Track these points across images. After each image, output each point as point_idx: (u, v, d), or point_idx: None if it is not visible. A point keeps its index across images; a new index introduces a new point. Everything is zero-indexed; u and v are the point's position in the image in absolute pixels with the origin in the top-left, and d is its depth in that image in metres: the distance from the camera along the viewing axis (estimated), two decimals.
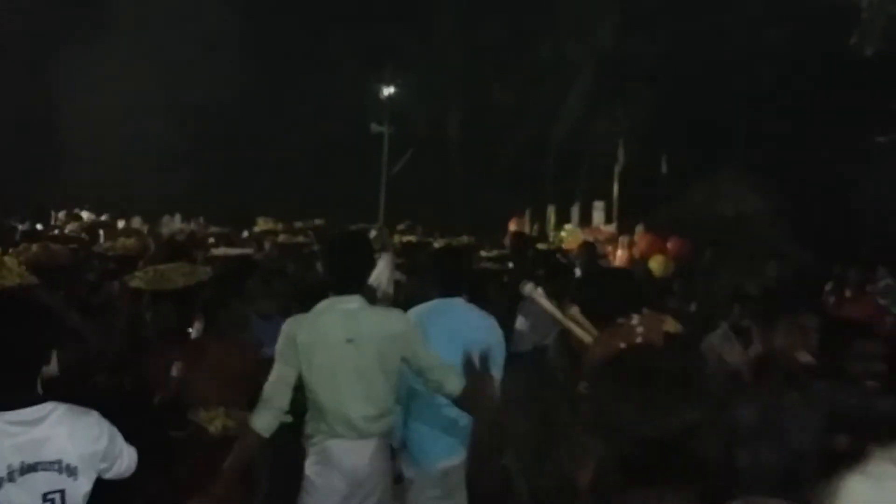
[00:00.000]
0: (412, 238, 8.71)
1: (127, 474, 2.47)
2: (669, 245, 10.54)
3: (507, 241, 10.98)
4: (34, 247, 4.81)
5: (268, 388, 3.07)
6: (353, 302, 3.10)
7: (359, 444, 3.09)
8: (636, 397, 1.24)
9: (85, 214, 12.95)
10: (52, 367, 2.96)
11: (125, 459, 2.44)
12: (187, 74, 22.01)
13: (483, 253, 7.51)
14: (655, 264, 9.25)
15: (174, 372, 3.66)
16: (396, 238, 8.39)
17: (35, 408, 2.25)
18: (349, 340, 3.02)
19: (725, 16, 19.82)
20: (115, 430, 2.41)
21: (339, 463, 3.08)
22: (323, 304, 3.12)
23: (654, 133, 19.12)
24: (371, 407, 3.08)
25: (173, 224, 13.76)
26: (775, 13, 19.21)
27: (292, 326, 3.08)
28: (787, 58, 18.93)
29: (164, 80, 21.74)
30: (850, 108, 16.87)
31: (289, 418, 3.15)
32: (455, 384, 3.07)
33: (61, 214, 12.09)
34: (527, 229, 13.79)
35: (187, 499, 2.92)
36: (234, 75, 22.49)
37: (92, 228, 7.70)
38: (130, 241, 6.32)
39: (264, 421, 3.03)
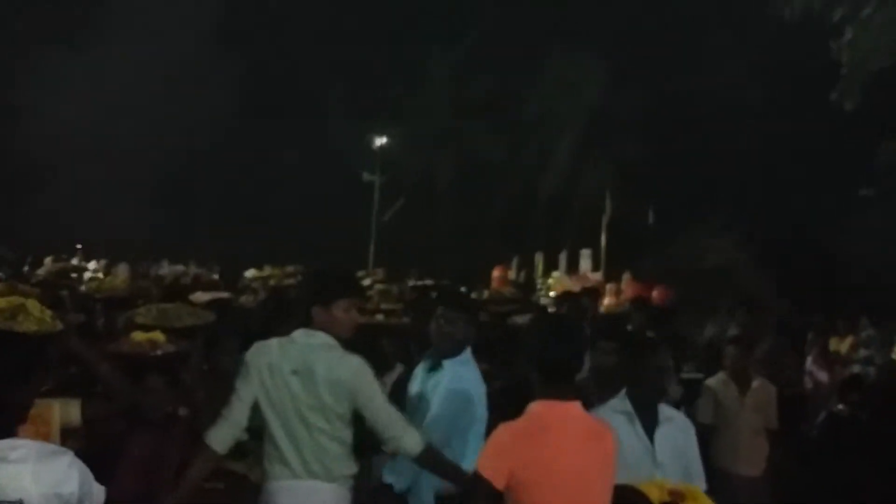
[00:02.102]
0: (427, 282, 8.62)
1: None
2: (655, 293, 10.59)
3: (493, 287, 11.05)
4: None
5: (226, 405, 3.02)
6: (317, 338, 3.00)
7: (299, 485, 2.95)
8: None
9: (74, 261, 12.99)
10: (75, 418, 2.95)
11: (93, 499, 2.22)
12: (180, 122, 22.30)
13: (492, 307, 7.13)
14: None
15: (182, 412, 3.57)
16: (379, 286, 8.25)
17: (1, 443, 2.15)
18: (294, 372, 2.94)
19: (710, 73, 20.32)
20: (87, 471, 2.21)
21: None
22: (294, 334, 3.06)
23: (642, 186, 19.40)
24: (310, 447, 2.94)
25: (174, 268, 13.69)
26: (759, 70, 19.71)
27: (251, 351, 3.05)
28: (770, 113, 19.34)
29: (156, 127, 21.99)
30: (833, 162, 17.20)
31: (245, 436, 3.06)
32: (412, 443, 2.95)
33: (48, 260, 12.04)
34: (513, 276, 13.85)
35: None
36: (228, 123, 22.80)
37: (61, 273, 7.65)
38: (118, 282, 6.27)
39: (219, 436, 2.97)
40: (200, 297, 6.40)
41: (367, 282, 8.87)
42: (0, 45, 21.91)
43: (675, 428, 3.16)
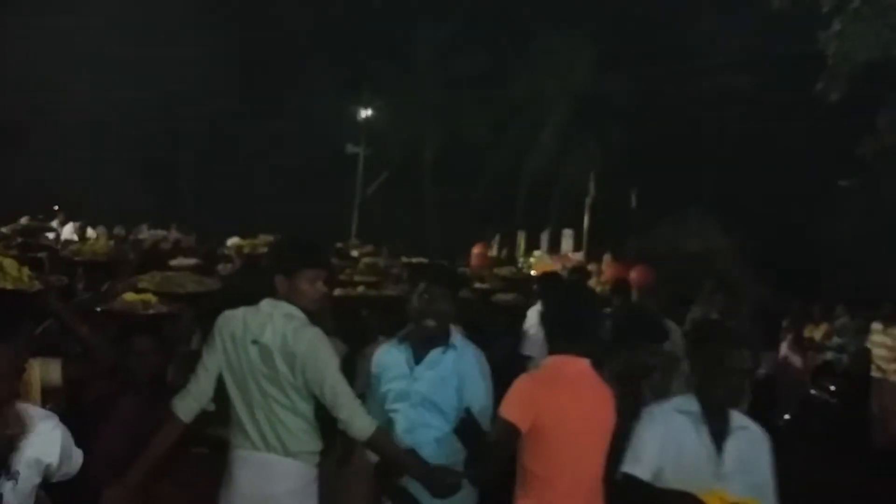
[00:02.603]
0: (422, 259, 8.54)
1: (68, 477, 2.38)
2: (633, 274, 10.64)
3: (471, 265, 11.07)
4: None
5: (194, 373, 3.02)
6: (280, 308, 2.95)
7: (256, 456, 2.93)
8: None
9: (55, 223, 12.78)
10: (55, 378, 2.98)
11: (72, 463, 2.36)
12: (163, 89, 21.98)
13: (477, 284, 7.03)
14: None
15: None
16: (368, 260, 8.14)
17: None
18: (254, 342, 2.91)
19: (696, 60, 20.35)
20: (68, 436, 2.32)
21: (237, 476, 2.95)
22: (261, 304, 3.00)
23: (626, 169, 19.46)
24: (267, 419, 2.90)
25: (153, 233, 13.47)
26: (744, 59, 19.77)
27: (219, 320, 3.02)
28: (755, 101, 19.44)
29: (141, 93, 21.65)
30: (815, 152, 17.36)
31: (212, 406, 3.05)
32: (362, 425, 2.85)
33: (23, 220, 11.80)
34: (494, 253, 13.88)
35: None
36: (213, 91, 22.50)
37: (26, 232, 7.42)
38: (100, 246, 6.13)
39: (184, 405, 2.97)
40: (180, 262, 6.34)
41: (354, 254, 8.83)
42: None
43: (748, 438, 2.79)
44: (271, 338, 2.89)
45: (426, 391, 3.24)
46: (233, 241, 9.58)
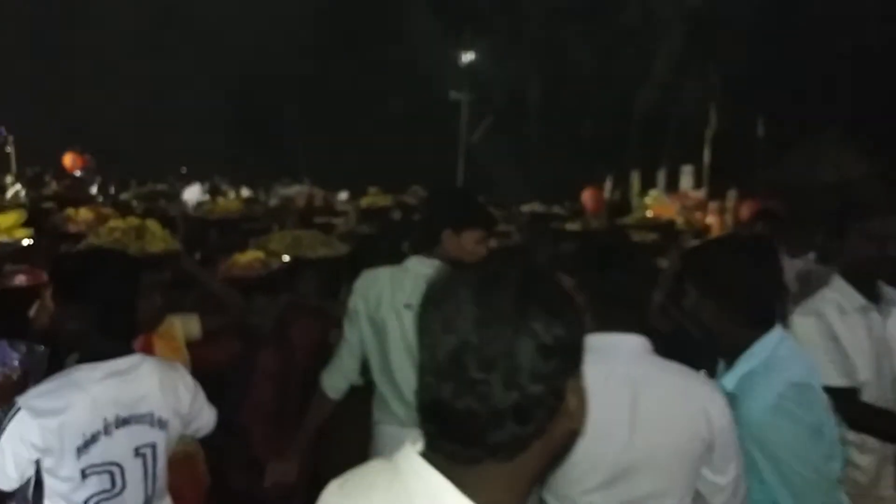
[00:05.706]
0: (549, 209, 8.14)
1: (201, 435, 2.44)
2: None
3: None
4: (82, 210, 4.61)
5: (338, 348, 2.92)
6: (430, 267, 2.71)
7: (402, 434, 2.67)
8: None
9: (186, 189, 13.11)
10: (196, 332, 3.13)
11: (204, 418, 2.41)
12: (265, 42, 22.14)
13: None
14: None
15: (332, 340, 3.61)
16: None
17: (126, 359, 2.24)
18: (407, 306, 2.68)
19: None
20: (198, 386, 2.38)
21: (381, 455, 2.72)
22: (408, 263, 2.78)
23: (750, 95, 17.99)
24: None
25: (298, 189, 13.60)
26: None
27: (359, 282, 2.80)
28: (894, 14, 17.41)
29: (240, 49, 21.94)
30: None
31: (361, 381, 2.93)
32: None
33: (160, 186, 12.23)
34: (606, 195, 13.12)
35: None
36: (313, 43, 22.48)
37: (148, 198, 7.60)
38: (233, 204, 6.19)
39: (332, 382, 2.90)
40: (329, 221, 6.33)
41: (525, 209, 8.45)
42: None
43: None
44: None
45: None
46: (343, 195, 9.41)
